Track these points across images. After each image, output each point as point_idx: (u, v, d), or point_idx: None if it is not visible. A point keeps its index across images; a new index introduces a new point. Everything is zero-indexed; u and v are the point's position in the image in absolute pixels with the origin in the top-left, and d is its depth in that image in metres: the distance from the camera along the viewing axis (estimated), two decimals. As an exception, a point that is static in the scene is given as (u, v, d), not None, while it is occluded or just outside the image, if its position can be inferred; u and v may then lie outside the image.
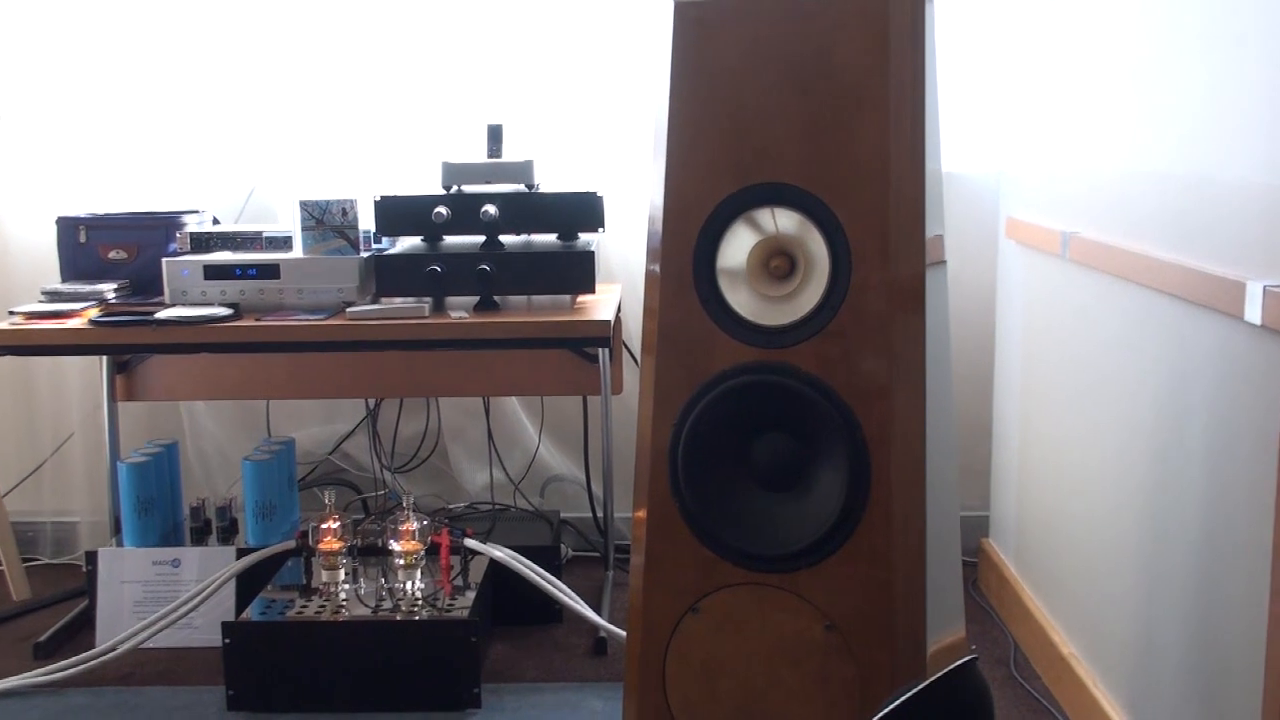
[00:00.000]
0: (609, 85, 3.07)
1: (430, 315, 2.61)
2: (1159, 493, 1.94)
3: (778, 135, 1.71)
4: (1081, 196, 2.32)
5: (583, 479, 3.23)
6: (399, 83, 3.11)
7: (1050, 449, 2.53)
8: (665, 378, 1.79)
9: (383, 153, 3.13)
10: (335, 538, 2.59)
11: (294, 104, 3.14)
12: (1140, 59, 2.02)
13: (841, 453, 1.71)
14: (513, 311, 2.66)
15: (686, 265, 1.76)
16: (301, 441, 3.19)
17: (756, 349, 1.74)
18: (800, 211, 1.72)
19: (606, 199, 2.71)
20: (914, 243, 1.70)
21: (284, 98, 3.14)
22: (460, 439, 3.26)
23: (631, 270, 3.09)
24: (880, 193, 1.68)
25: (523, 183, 2.70)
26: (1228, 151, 1.70)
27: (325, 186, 3.08)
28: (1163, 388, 1.93)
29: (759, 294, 1.75)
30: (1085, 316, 2.28)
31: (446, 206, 2.64)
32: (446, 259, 2.63)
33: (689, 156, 1.75)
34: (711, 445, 1.77)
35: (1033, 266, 2.63)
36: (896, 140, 1.68)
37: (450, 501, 3.28)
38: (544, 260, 2.64)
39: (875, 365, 1.70)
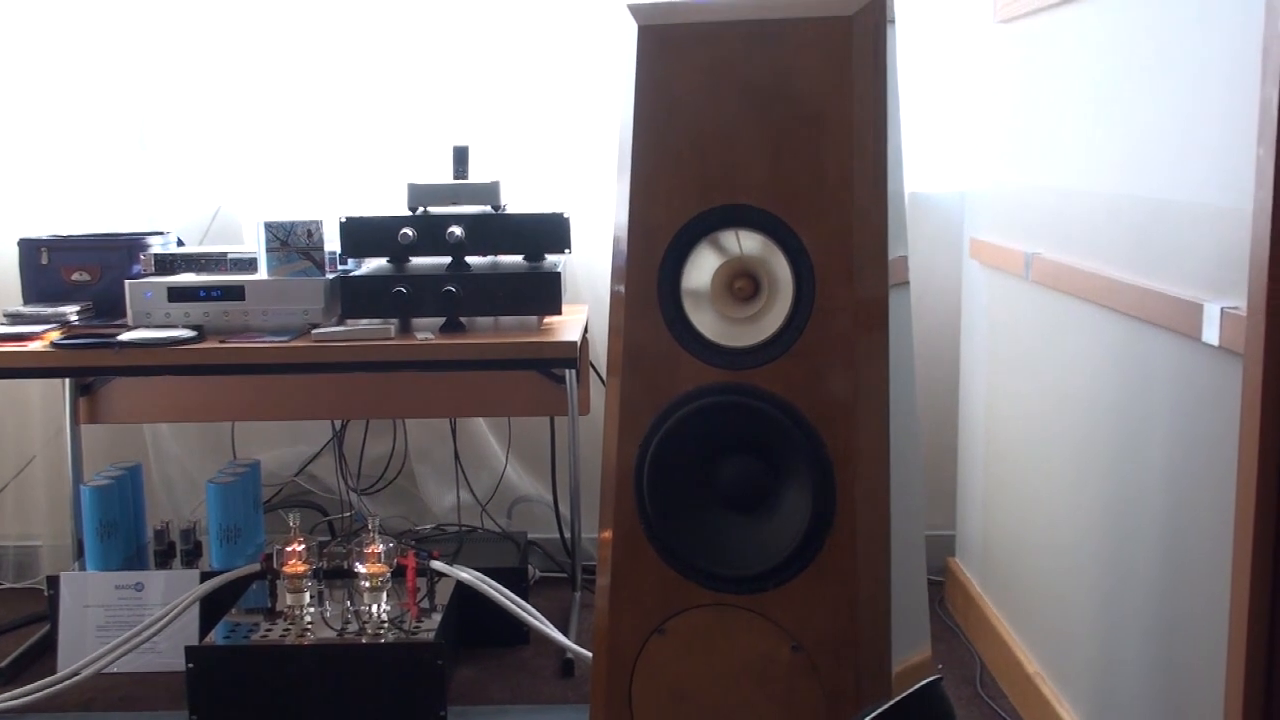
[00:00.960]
0: (574, 106, 3.08)
1: (396, 336, 2.61)
2: (1119, 513, 1.96)
3: (741, 157, 1.72)
4: (1044, 217, 2.34)
5: (550, 500, 3.22)
6: (365, 103, 3.11)
7: (1015, 469, 2.54)
8: (630, 399, 1.79)
9: (348, 174, 3.12)
10: (300, 560, 2.57)
11: (260, 124, 3.13)
12: (1101, 81, 2.05)
13: (806, 473, 1.72)
14: (479, 333, 2.66)
15: (651, 286, 1.77)
16: (266, 463, 3.17)
17: (721, 370, 1.75)
18: (764, 233, 1.73)
19: (573, 220, 2.71)
20: (877, 264, 1.71)
21: (249, 118, 3.13)
22: (427, 460, 3.25)
23: (598, 291, 3.09)
24: (843, 214, 1.69)
25: (489, 204, 2.70)
26: (1186, 174, 1.72)
27: (290, 208, 3.06)
28: (1123, 409, 1.94)
29: (723, 315, 1.76)
30: (1048, 337, 2.30)
31: (412, 228, 2.64)
32: (412, 280, 2.62)
33: (652, 178, 1.75)
34: (677, 466, 1.77)
35: (996, 287, 2.65)
36: (859, 161, 1.69)
37: (417, 523, 3.26)
38: (510, 281, 2.64)
39: (839, 386, 1.71)
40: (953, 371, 3.03)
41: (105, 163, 3.14)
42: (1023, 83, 2.49)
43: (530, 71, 3.09)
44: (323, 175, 3.13)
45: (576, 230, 2.83)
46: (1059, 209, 2.25)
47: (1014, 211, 2.55)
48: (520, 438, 3.25)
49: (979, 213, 2.82)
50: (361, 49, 3.10)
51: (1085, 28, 2.13)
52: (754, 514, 1.77)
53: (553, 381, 2.96)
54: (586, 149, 3.08)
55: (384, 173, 3.09)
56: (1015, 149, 2.55)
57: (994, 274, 2.65)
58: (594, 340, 3.08)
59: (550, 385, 2.96)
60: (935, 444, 3.04)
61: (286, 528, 2.62)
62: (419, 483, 3.25)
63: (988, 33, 2.73)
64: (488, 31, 3.08)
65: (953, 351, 3.03)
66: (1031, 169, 2.43)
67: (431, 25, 3.08)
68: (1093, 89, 2.08)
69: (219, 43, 3.11)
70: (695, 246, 1.76)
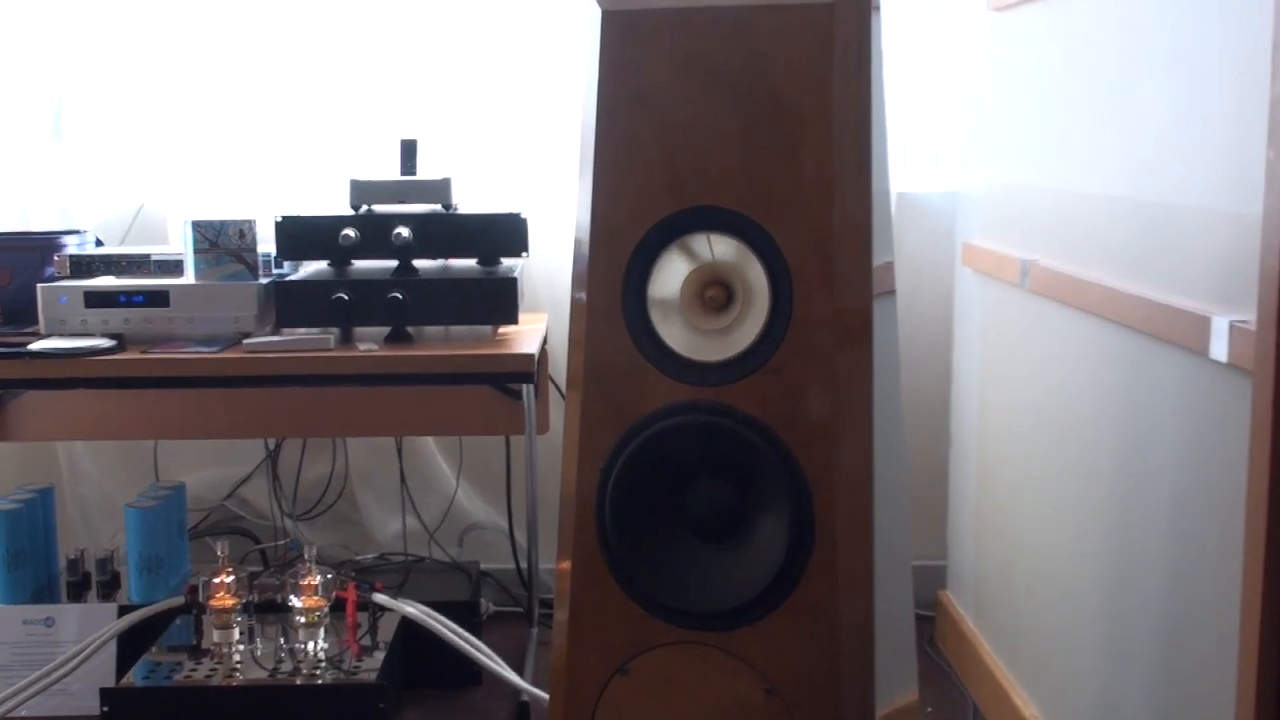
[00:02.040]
0: (532, 98, 3.09)
1: (336, 347, 2.60)
2: (1122, 543, 1.98)
3: (713, 155, 1.72)
4: (1042, 221, 2.36)
5: (505, 527, 3.22)
6: (304, 92, 3.10)
7: (1011, 495, 2.56)
8: (592, 417, 1.79)
9: (285, 169, 3.12)
10: (229, 593, 2.56)
11: (188, 112, 3.12)
12: (1103, 75, 2.07)
13: (783, 499, 1.72)
14: (428, 344, 2.66)
15: (615, 295, 1.77)
16: (192, 486, 3.15)
17: (690, 386, 1.75)
18: (738, 238, 1.73)
19: (531, 220, 2.72)
20: (861, 271, 1.72)
21: (177, 105, 3.12)
22: (369, 483, 3.24)
23: (559, 299, 3.09)
24: (824, 217, 1.70)
25: (439, 202, 2.70)
26: (1193, 176, 1.74)
27: (221, 205, 3.05)
28: (1125, 430, 1.96)
29: (693, 327, 1.76)
30: (1046, 351, 2.32)
31: (355, 228, 2.63)
32: (354, 286, 2.62)
33: (617, 177, 1.76)
34: (642, 491, 1.78)
35: (991, 297, 2.67)
36: (841, 160, 1.70)
37: (358, 552, 3.25)
38: (462, 287, 2.64)
39: (819, 404, 1.71)
40: (943, 388, 3.05)
41: (14, 154, 3.12)
42: (1019, 76, 2.51)
43: (485, 59, 3.09)
44: (257, 170, 3.12)
45: (535, 232, 2.84)
46: (1058, 212, 2.27)
47: (1010, 215, 2.57)
48: (472, 459, 3.24)
49: (972, 216, 2.84)
50: (300, 31, 3.09)
51: (1087, 18, 2.15)
52: (726, 544, 1.78)
53: (508, 397, 2.95)
54: (546, 144, 3.09)
55: (324, 168, 3.08)
56: (1011, 147, 2.57)
57: (988, 282, 2.67)
58: (553, 352, 3.08)
59: (505, 401, 2.96)
60: (924, 467, 3.06)
61: (214, 557, 2.60)
62: (361, 508, 3.24)
63: (981, 21, 2.76)
64: (439, 15, 3.08)
65: (943, 366, 3.05)
66: (1029, 169, 2.45)
67: (377, 6, 3.08)
68: (1094, 83, 2.10)
69: (143, 22, 3.10)
70: (663, 251, 1.76)
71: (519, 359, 2.57)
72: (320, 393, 2.95)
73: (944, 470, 3.04)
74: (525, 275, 3.02)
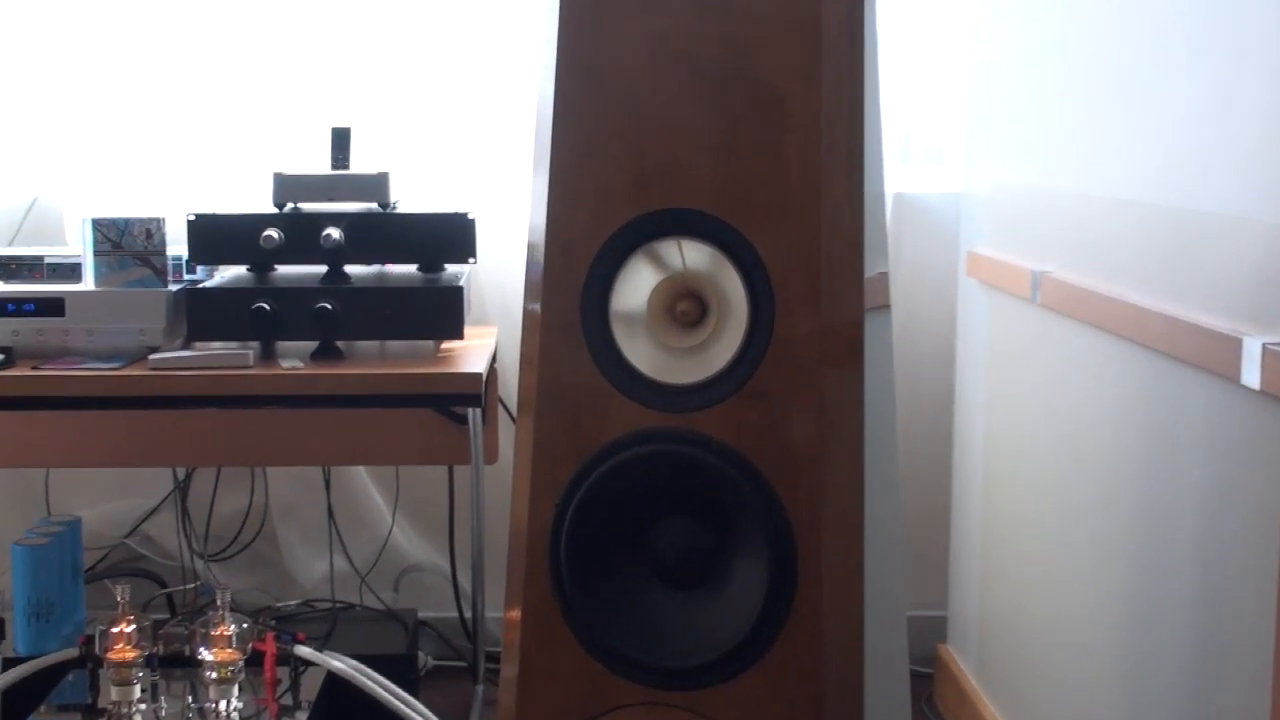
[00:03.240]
0: (482, 83, 3.09)
1: (256, 364, 2.59)
2: (1145, 587, 1.99)
3: (686, 151, 1.73)
4: (1055, 229, 2.38)
5: (447, 570, 3.21)
6: (222, 71, 3.09)
7: (1020, 536, 2.57)
8: (546, 446, 1.79)
9: (199, 160, 3.11)
10: (130, 644, 2.54)
11: (89, 96, 3.11)
12: (1125, 66, 2.09)
13: (761, 541, 1.72)
14: (361, 361, 2.65)
15: (573, 307, 1.77)
16: (90, 521, 3.13)
17: (658, 412, 1.75)
18: (713, 244, 1.74)
19: (479, 222, 2.72)
20: (851, 283, 1.73)
21: (76, 88, 3.10)
22: (292, 519, 3.22)
23: (510, 310, 3.09)
24: (810, 222, 1.71)
25: (375, 200, 2.70)
26: (1224, 180, 1.75)
27: (126, 201, 3.04)
28: (1147, 463, 1.97)
29: (662, 344, 1.77)
30: (1059, 374, 2.34)
31: (278, 228, 2.63)
32: (277, 294, 2.61)
33: (576, 174, 1.76)
34: (602, 530, 1.77)
35: (998, 312, 2.68)
36: (830, 157, 1.71)
37: (279, 598, 3.23)
38: (400, 297, 2.63)
39: (803, 432, 1.72)
40: (944, 415, 3.06)
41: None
42: (1031, 65, 2.53)
43: (428, 38, 3.09)
44: (167, 161, 3.11)
45: (484, 235, 2.83)
46: (1073, 219, 2.28)
47: (1020, 220, 2.59)
48: (411, 492, 3.23)
49: (977, 221, 2.86)
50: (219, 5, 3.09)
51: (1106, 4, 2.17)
52: (697, 591, 1.78)
53: (452, 422, 2.95)
54: (496, 136, 3.09)
55: (244, 160, 3.07)
56: (1021, 145, 2.59)
57: (995, 296, 2.69)
58: (503, 372, 3.08)
59: (449, 427, 2.96)
60: (921, 504, 3.07)
61: (113, 602, 2.58)
62: (282, 548, 3.22)
63: (988, 3, 2.78)
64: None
65: (944, 390, 3.06)
66: (1041, 169, 2.47)
67: (307, -22, 3.09)
68: (1115, 74, 2.12)
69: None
70: (628, 259, 1.76)
71: (464, 379, 2.57)
72: (237, 416, 2.94)
73: (944, 507, 3.05)
74: (472, 284, 3.02)
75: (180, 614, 3.13)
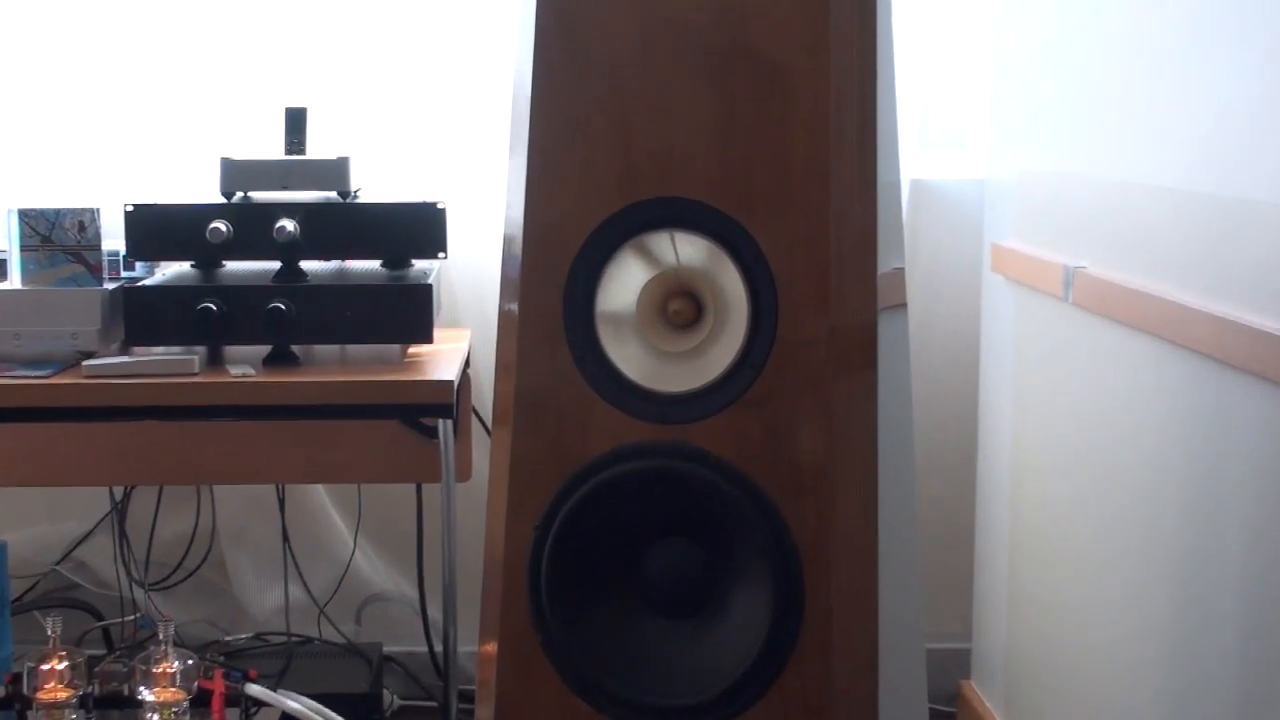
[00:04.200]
0: (452, 57, 3.08)
1: (202, 372, 2.58)
2: (1189, 615, 1.99)
3: (679, 133, 1.73)
4: (1089, 219, 2.38)
5: (415, 599, 3.20)
6: (165, 46, 3.09)
7: (1051, 558, 2.57)
8: (525, 461, 1.79)
9: (139, 143, 3.10)
10: (62, 683, 2.54)
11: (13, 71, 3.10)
12: (1164, 41, 2.09)
13: (764, 566, 1.73)
14: (318, 367, 2.65)
15: (555, 307, 1.77)
16: (16, 546, 3.13)
17: (649, 423, 1.75)
18: (709, 237, 1.74)
19: (450, 212, 2.72)
20: (863, 279, 1.73)
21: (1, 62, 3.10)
22: (243, 543, 3.22)
23: (485, 311, 3.09)
24: (818, 212, 1.71)
25: (334, 188, 2.70)
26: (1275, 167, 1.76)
27: (56, 190, 3.03)
28: (1192, 476, 1.98)
29: (653, 348, 1.77)
30: (1095, 381, 2.34)
31: (226, 220, 2.63)
32: (226, 293, 2.61)
33: (559, 161, 1.76)
34: (588, 555, 1.78)
35: (1027, 312, 2.68)
36: (840, 140, 1.71)
37: (228, 631, 3.23)
38: (363, 296, 2.63)
39: (810, 446, 1.72)
40: (967, 426, 3.06)
41: None
42: (1063, 38, 2.54)
43: (392, 8, 3.09)
44: (102, 145, 3.10)
45: (455, 226, 2.84)
46: (1109, 208, 2.29)
47: (1050, 210, 2.59)
48: (374, 513, 3.23)
49: (1003, 210, 2.86)
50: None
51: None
52: (692, 622, 1.78)
53: (421, 436, 2.95)
54: (469, 116, 3.09)
55: (188, 144, 3.07)
56: (1052, 126, 2.59)
57: (1024, 293, 2.69)
58: (477, 379, 3.08)
59: (417, 441, 2.96)
60: (942, 524, 3.07)
61: (43, 636, 2.58)
62: (232, 575, 3.22)
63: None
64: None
65: (967, 399, 3.06)
66: (1073, 153, 2.47)
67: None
68: (1157, 47, 2.13)
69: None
70: (615, 253, 1.77)
71: (434, 387, 2.57)
72: (181, 429, 2.94)
73: (967, 527, 3.06)
74: (443, 281, 3.02)
75: (118, 649, 3.13)
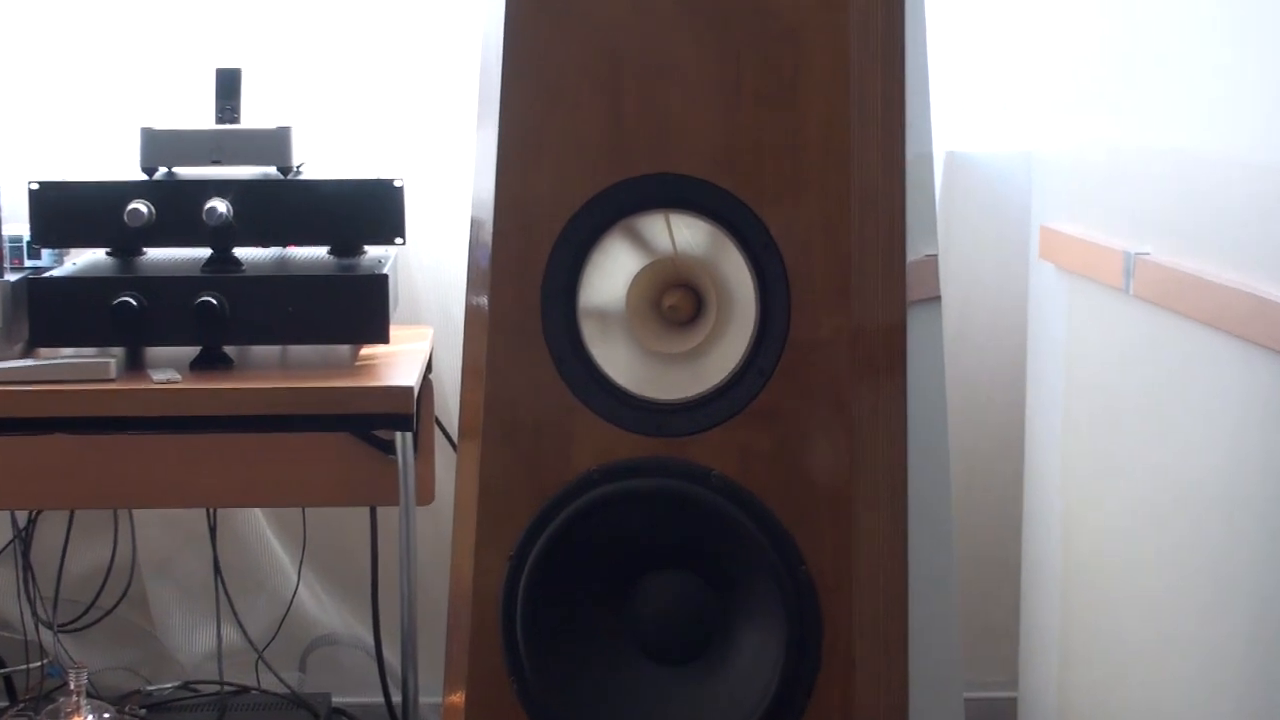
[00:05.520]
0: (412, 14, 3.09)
1: (120, 377, 2.58)
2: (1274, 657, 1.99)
3: (676, 100, 1.74)
4: (1153, 198, 2.38)
5: (369, 642, 3.21)
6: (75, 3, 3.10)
7: (1112, 592, 2.57)
8: (497, 481, 1.79)
9: (45, 111, 3.11)
10: (-43, 742, 2.54)
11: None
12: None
13: (776, 604, 1.73)
14: (256, 372, 2.65)
15: (531, 301, 1.78)
16: (-97, 582, 3.14)
17: (642, 437, 1.76)
18: (711, 220, 1.75)
19: (409, 190, 2.72)
20: (890, 269, 1.74)
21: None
22: (169, 577, 3.22)
23: (449, 306, 3.10)
24: (836, 191, 1.72)
25: (273, 163, 2.70)
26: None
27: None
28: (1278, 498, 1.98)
29: (646, 350, 1.77)
30: (1162, 386, 2.34)
31: (147, 201, 2.63)
32: (147, 286, 2.60)
33: (537, 131, 1.77)
34: (570, 591, 1.78)
35: (1081, 305, 2.68)
36: (862, 109, 1.72)
37: (151, 680, 3.23)
38: (307, 289, 2.63)
39: (829, 465, 1.72)
40: (1013, 440, 3.06)
41: None
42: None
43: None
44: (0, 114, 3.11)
45: (415, 207, 2.84)
46: (1178, 185, 2.29)
47: (1108, 187, 2.59)
48: (321, 542, 3.23)
49: (1054, 188, 2.86)
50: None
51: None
52: (691, 668, 1.79)
53: (375, 451, 2.95)
54: (431, 80, 3.09)
55: (104, 112, 3.07)
56: (1111, 89, 2.59)
57: (1077, 283, 2.69)
58: (441, 385, 3.08)
59: (371, 457, 2.95)
60: (983, 554, 3.07)
61: (-66, 688, 2.59)
62: (155, 615, 3.22)
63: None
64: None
65: (1012, 408, 3.07)
66: (1136, 121, 2.47)
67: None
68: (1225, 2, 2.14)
69: None
70: (602, 239, 1.77)
71: (391, 395, 2.57)
72: (95, 444, 2.94)
73: (1013, 557, 3.06)
74: (400, 271, 3.02)
75: (22, 701, 3.13)
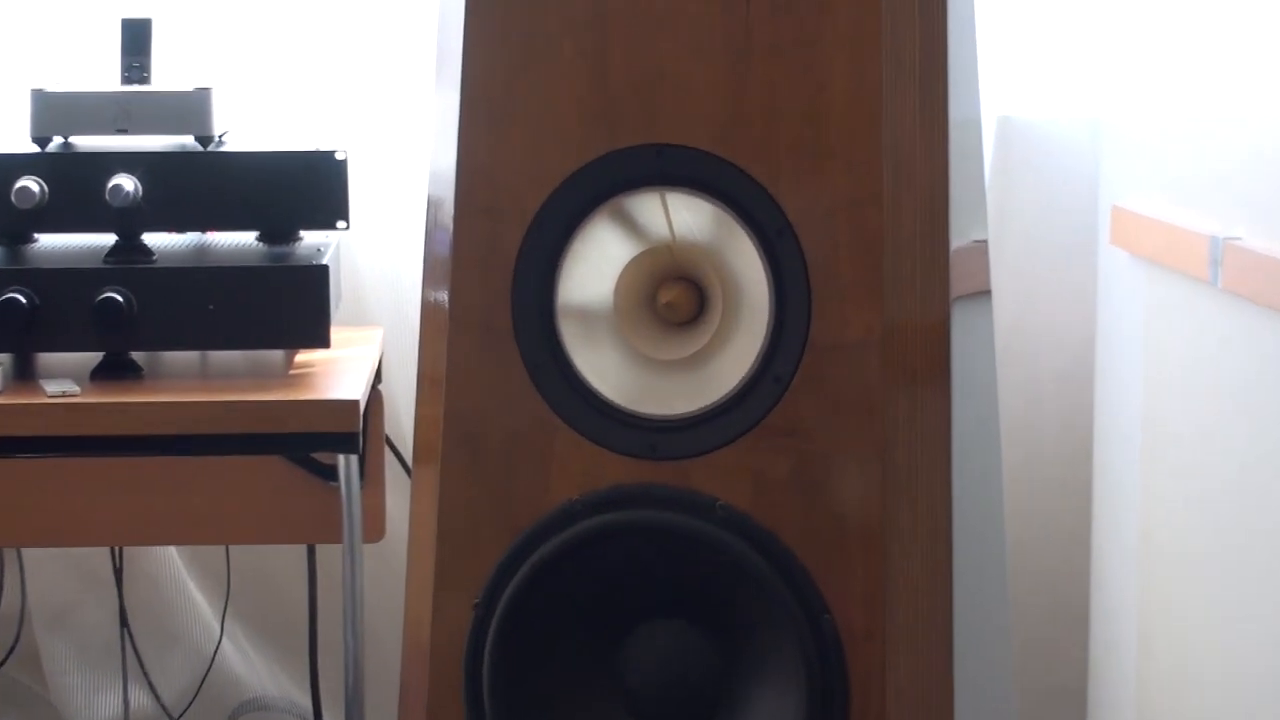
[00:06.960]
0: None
1: (7, 389, 2.59)
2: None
3: (674, 57, 1.74)
4: (1243, 174, 2.39)
5: (306, 706, 3.22)
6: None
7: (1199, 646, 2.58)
8: (460, 514, 1.80)
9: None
10: None
11: None
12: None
13: (793, 659, 1.73)
14: (170, 382, 2.65)
15: (500, 297, 1.78)
16: None
17: (634, 460, 1.77)
18: (717, 200, 1.75)
19: (354, 164, 2.72)
20: (930, 258, 1.74)
21: None
22: (66, 628, 3.23)
23: (402, 303, 3.10)
24: (866, 166, 1.72)
25: (191, 132, 2.70)
26: None
27: None
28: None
29: (638, 355, 1.78)
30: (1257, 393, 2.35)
31: (39, 178, 2.63)
32: (39, 279, 2.61)
33: (506, 95, 1.77)
34: (548, 643, 1.79)
35: (1159, 297, 2.70)
36: (896, 69, 1.73)
37: (45, 750, 3.25)
38: (231, 282, 2.63)
39: (857, 493, 1.73)
40: (1079, 456, 3.07)
41: None
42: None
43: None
44: None
45: (360, 185, 2.85)
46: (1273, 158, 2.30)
47: (1190, 160, 2.61)
48: (250, 586, 3.24)
49: (1127, 161, 2.88)
50: None
51: None
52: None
53: (314, 478, 2.95)
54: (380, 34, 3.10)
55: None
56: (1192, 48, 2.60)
57: (1154, 273, 2.70)
58: (392, 398, 3.09)
59: (309, 485, 2.96)
60: (1043, 596, 3.08)
61: None
62: (49, 674, 3.23)
63: None
64: None
65: (1078, 420, 3.07)
66: (1221, 85, 2.48)
67: None
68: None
69: None
70: (585, 223, 1.78)
71: (332, 410, 2.57)
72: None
73: (1079, 599, 3.07)
74: (344, 261, 3.03)
75: (-109, 779, 3.15)
